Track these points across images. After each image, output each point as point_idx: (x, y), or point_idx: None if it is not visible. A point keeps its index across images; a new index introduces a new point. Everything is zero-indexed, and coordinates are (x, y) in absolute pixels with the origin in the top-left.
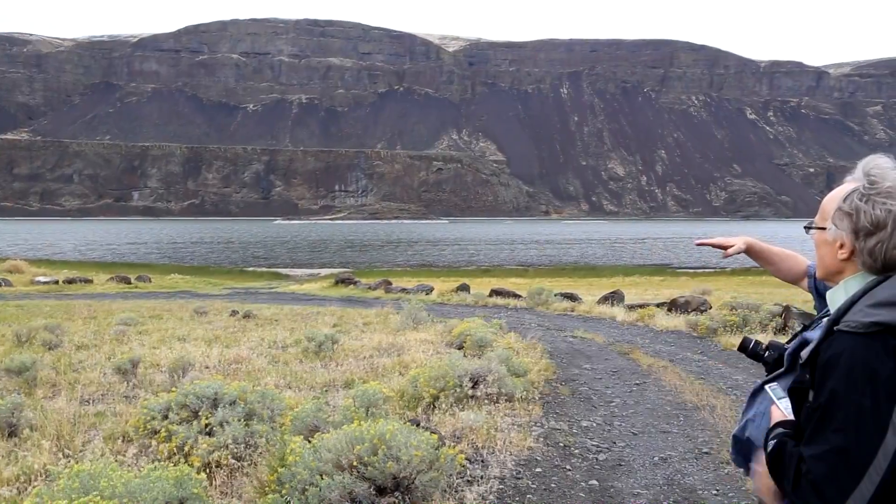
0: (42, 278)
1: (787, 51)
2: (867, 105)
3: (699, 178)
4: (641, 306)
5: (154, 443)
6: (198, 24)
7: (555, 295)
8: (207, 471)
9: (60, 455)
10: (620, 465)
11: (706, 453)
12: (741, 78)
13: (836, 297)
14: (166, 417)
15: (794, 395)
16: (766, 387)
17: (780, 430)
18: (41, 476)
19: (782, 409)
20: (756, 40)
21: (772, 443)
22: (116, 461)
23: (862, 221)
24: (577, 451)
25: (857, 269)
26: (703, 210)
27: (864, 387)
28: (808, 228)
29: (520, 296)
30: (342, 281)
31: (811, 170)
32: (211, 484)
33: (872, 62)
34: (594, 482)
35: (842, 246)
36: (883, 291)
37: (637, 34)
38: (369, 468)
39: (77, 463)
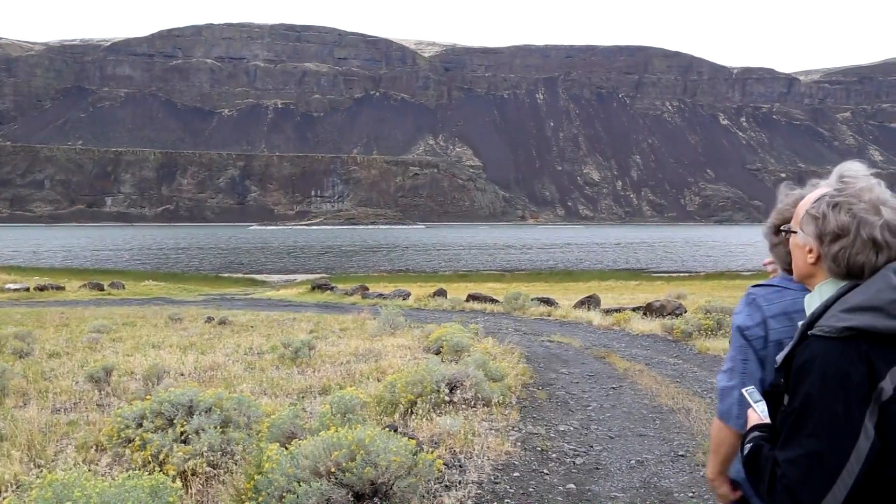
0: (12, 285)
1: (759, 58)
2: (837, 111)
3: (673, 183)
4: (617, 310)
5: (128, 451)
6: (172, 29)
7: (531, 300)
8: (183, 479)
9: (32, 465)
10: (597, 469)
11: (682, 456)
12: (714, 84)
13: (812, 302)
14: (140, 426)
15: (770, 398)
16: (743, 390)
17: (756, 433)
18: (12, 486)
19: (759, 412)
20: (728, 47)
21: (748, 446)
22: (90, 470)
23: (828, 226)
24: (554, 455)
25: (828, 276)
26: (678, 215)
27: (837, 391)
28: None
29: (497, 301)
30: (319, 287)
31: (783, 175)
32: (186, 492)
33: (841, 69)
34: (571, 486)
35: (811, 250)
36: (856, 296)
37: (612, 40)
38: (347, 474)
39: (49, 473)
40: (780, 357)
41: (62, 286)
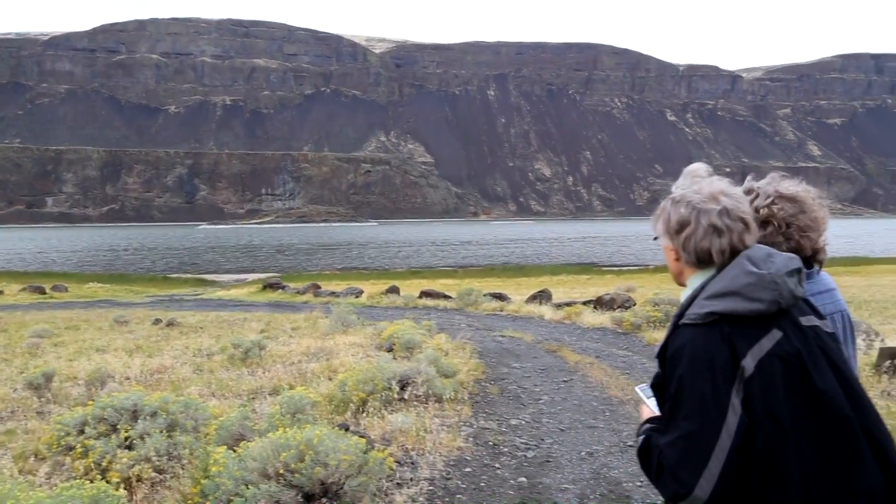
0: None
1: (704, 55)
2: (778, 108)
3: (623, 178)
4: (568, 304)
5: (69, 460)
6: (114, 23)
7: (484, 295)
8: (128, 486)
9: None
10: (548, 462)
11: (631, 446)
12: (661, 81)
13: (684, 296)
14: (82, 432)
15: (657, 390)
16: (636, 388)
17: (647, 425)
18: None
19: (651, 406)
20: (675, 45)
21: (640, 438)
22: (27, 481)
23: (671, 221)
24: (506, 449)
25: (693, 269)
26: (627, 209)
27: (705, 373)
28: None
29: (449, 297)
30: (270, 286)
31: (727, 169)
32: (131, 499)
33: (781, 67)
34: (523, 479)
35: (672, 249)
36: (716, 284)
37: (561, 37)
38: (296, 475)
39: None
40: (658, 349)
41: (0, 290)
